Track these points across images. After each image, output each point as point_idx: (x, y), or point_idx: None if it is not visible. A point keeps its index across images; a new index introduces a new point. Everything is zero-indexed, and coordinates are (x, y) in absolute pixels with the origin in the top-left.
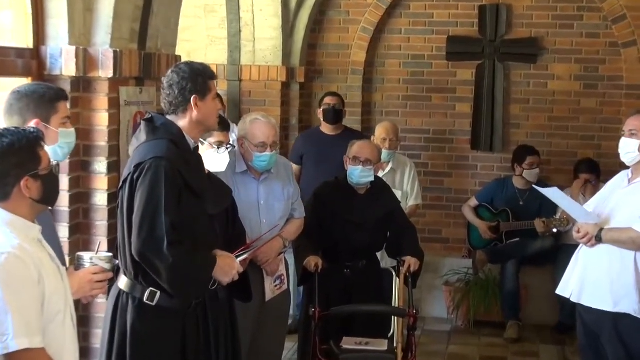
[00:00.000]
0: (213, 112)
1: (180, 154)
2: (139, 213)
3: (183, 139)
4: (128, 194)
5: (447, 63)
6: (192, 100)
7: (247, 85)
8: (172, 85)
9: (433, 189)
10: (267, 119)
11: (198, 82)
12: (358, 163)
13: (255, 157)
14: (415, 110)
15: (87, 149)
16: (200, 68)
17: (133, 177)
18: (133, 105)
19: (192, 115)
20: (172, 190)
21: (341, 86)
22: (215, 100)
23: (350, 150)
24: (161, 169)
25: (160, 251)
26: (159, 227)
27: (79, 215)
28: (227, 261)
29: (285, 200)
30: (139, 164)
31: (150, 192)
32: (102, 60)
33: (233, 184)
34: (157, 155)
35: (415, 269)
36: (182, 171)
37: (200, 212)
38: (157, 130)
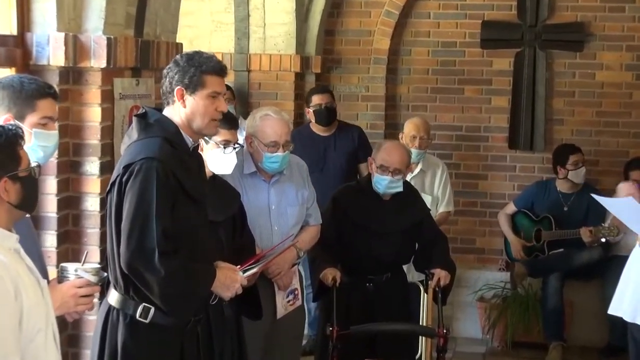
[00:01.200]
0: (203, 112)
1: (176, 154)
2: (128, 220)
3: (180, 137)
4: (116, 198)
5: (482, 51)
6: (176, 92)
7: (256, 77)
8: (166, 75)
9: (466, 193)
10: (279, 115)
11: (189, 74)
12: (386, 172)
13: (266, 157)
14: (446, 104)
15: (77, 147)
16: (199, 59)
17: (122, 179)
18: (129, 98)
19: (181, 111)
20: (164, 195)
21: (362, 77)
22: (212, 99)
23: (376, 154)
24: (152, 171)
25: (150, 263)
26: (149, 236)
27: (68, 222)
28: (228, 274)
29: (299, 205)
30: (128, 165)
31: (139, 197)
32: (94, 48)
33: (241, 187)
34: (148, 156)
35: (446, 282)
36: (177, 173)
37: (199, 219)
38: (150, 127)
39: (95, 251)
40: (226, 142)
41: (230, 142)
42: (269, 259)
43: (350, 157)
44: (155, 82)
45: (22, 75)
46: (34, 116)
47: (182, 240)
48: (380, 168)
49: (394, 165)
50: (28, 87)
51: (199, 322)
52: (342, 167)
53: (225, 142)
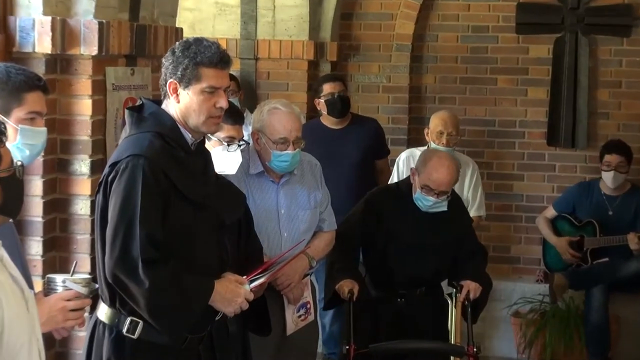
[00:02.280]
0: (197, 109)
1: (168, 151)
2: (112, 225)
3: (176, 133)
4: (102, 200)
5: (517, 37)
6: (169, 85)
7: (264, 65)
8: (163, 64)
9: (499, 195)
10: (289, 108)
11: (182, 65)
12: (431, 194)
13: (274, 155)
14: (477, 96)
15: (65, 144)
16: (196, 48)
17: (107, 179)
18: (123, 89)
19: (176, 106)
20: (152, 196)
21: (383, 66)
22: (208, 94)
23: (422, 169)
24: (138, 170)
25: (134, 272)
26: (133, 242)
27: (55, 228)
28: (230, 287)
29: (311, 208)
30: (115, 164)
31: (124, 199)
32: (85, 33)
33: (246, 189)
34: (134, 153)
35: (476, 296)
36: (169, 172)
37: (197, 223)
38: (142, 121)
39: (86, 260)
40: (230, 139)
41: (234, 138)
42: (277, 267)
43: (367, 153)
44: (153, 72)
45: (7, 64)
46: (21, 111)
47: (175, 248)
48: (425, 189)
49: (441, 187)
50: (15, 79)
51: (201, 341)
52: (357, 164)
53: (229, 139)
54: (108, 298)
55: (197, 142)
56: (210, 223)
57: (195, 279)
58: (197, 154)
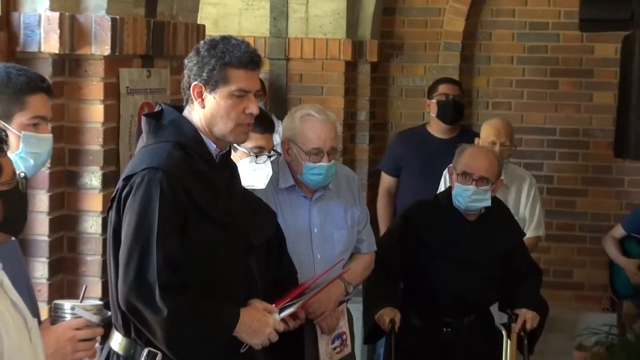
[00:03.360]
0: (225, 115)
1: (190, 164)
2: (126, 247)
3: (199, 143)
4: (115, 218)
5: (581, 34)
6: (192, 88)
7: (296, 66)
8: (185, 66)
9: (560, 213)
10: (324, 115)
11: (208, 66)
12: (469, 181)
13: (307, 168)
14: (535, 100)
15: (74, 154)
16: (223, 47)
17: (121, 194)
18: (138, 93)
19: (200, 112)
20: (170, 214)
21: (429, 67)
22: (237, 98)
23: (457, 159)
24: (155, 185)
25: (150, 300)
26: (149, 266)
27: (63, 248)
28: (257, 316)
29: (348, 227)
30: (129, 177)
31: (139, 217)
32: (96, 31)
33: (275, 205)
34: (151, 166)
35: (533, 326)
36: (190, 187)
37: (220, 244)
38: (161, 130)
39: (97, 284)
40: (259, 149)
41: (264, 149)
42: (310, 294)
43: None
44: (172, 74)
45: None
46: (23, 115)
47: (195, 272)
48: (462, 175)
49: (480, 172)
50: (16, 80)
51: None
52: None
53: (258, 149)
54: (122, 327)
55: (222, 153)
56: (235, 244)
57: (219, 307)
58: (221, 167)
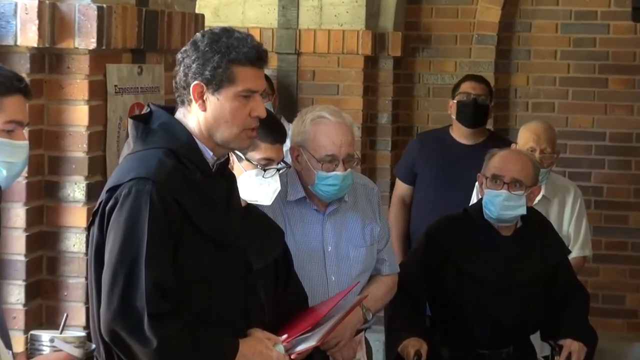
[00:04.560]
0: (230, 119)
1: (183, 173)
2: (110, 268)
3: (193, 150)
4: (97, 235)
5: (634, 25)
6: (193, 89)
7: (308, 62)
8: (181, 61)
9: (610, 230)
10: (339, 117)
11: (211, 63)
12: (500, 185)
13: (320, 177)
14: (582, 101)
15: (55, 163)
16: (227, 41)
17: (104, 208)
18: (128, 93)
19: (199, 116)
20: (161, 232)
21: (461, 62)
22: (244, 99)
23: (487, 164)
24: (144, 197)
25: (138, 329)
26: (137, 291)
27: (42, 269)
28: (257, 347)
29: (366, 245)
30: (114, 189)
31: (126, 235)
32: (80, 22)
33: (283, 220)
34: (139, 176)
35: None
36: (183, 200)
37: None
38: (151, 134)
39: (80, 310)
40: (267, 162)
41: (272, 160)
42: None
43: None
44: (166, 70)
45: None
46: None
47: (188, 298)
48: (492, 180)
49: (511, 173)
50: None
51: None
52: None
53: (266, 162)
54: (105, 359)
55: (219, 162)
56: (234, 266)
57: (215, 338)
58: (218, 177)
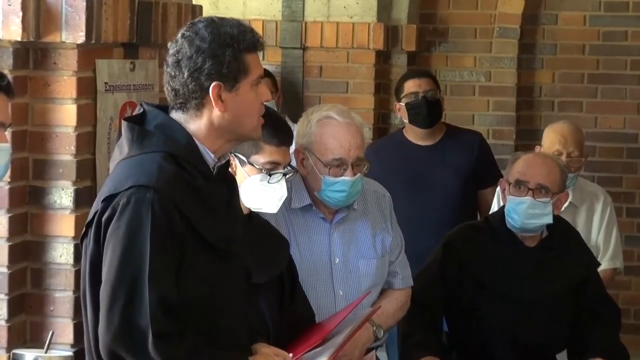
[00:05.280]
0: (251, 111)
1: (186, 180)
2: (109, 285)
3: (194, 153)
4: (93, 248)
5: None
6: (212, 91)
7: (315, 57)
8: (179, 62)
9: None
10: (348, 118)
11: (225, 59)
12: (524, 191)
13: (326, 183)
14: (612, 100)
15: (40, 166)
16: (232, 32)
17: (100, 219)
18: (120, 90)
19: (213, 117)
20: (165, 244)
21: (481, 58)
22: (256, 87)
23: (510, 168)
24: (145, 207)
25: (142, 350)
26: (139, 309)
27: (26, 281)
28: None
29: (377, 257)
30: (111, 198)
31: (126, 248)
32: (68, 13)
33: (287, 229)
34: (139, 183)
35: None
36: (187, 209)
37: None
38: (147, 137)
39: (67, 327)
40: (273, 166)
41: (278, 164)
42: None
43: (467, 180)
44: (160, 66)
45: None
46: None
47: (193, 315)
48: (515, 186)
49: (536, 178)
50: None
51: None
52: (454, 196)
53: (272, 166)
54: None
55: (219, 164)
56: (236, 278)
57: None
58: (219, 182)
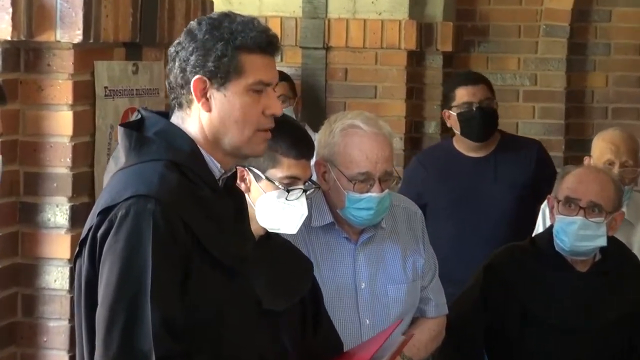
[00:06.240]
0: (241, 118)
1: (190, 191)
2: (106, 306)
3: (198, 161)
4: (88, 267)
5: None
6: (194, 85)
7: (339, 58)
8: (175, 56)
9: None
10: (376, 127)
11: (215, 52)
12: (575, 210)
13: (351, 200)
14: None
15: (32, 180)
16: (235, 27)
17: (95, 234)
18: (121, 96)
19: (202, 118)
20: (168, 259)
21: (526, 59)
22: (256, 95)
23: (559, 184)
24: (146, 219)
25: None
26: (142, 331)
27: (16, 309)
28: None
29: (408, 281)
30: (107, 210)
31: (126, 265)
32: (63, 10)
33: (306, 250)
34: (138, 193)
35: None
36: (193, 222)
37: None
38: (146, 144)
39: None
40: (291, 180)
41: (297, 179)
42: None
43: (524, 195)
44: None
45: None
46: None
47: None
48: (565, 204)
49: (588, 196)
50: None
51: None
52: (507, 214)
53: (290, 180)
54: None
55: (226, 175)
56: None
57: None
58: (226, 194)
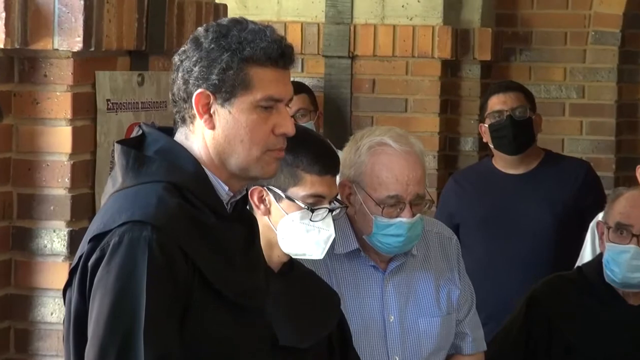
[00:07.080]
0: (248, 137)
1: (191, 215)
2: (96, 342)
3: (202, 183)
4: (77, 299)
5: None
6: (195, 99)
7: (366, 68)
8: (180, 64)
9: None
10: (407, 145)
11: (220, 64)
12: (627, 237)
13: (379, 226)
14: None
15: (26, 203)
16: (245, 36)
17: (86, 264)
18: (125, 109)
19: (205, 135)
20: (164, 292)
21: (572, 69)
22: (265, 112)
23: (610, 208)
24: (141, 248)
25: None
26: None
27: (9, 345)
28: None
29: (442, 314)
30: (99, 237)
31: (118, 298)
32: (61, 14)
33: (329, 280)
34: (134, 218)
35: None
36: (193, 250)
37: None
38: (146, 163)
39: None
40: (316, 199)
41: (322, 198)
42: None
43: (564, 219)
44: None
45: None
46: None
47: None
48: (616, 230)
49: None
50: None
51: None
52: (546, 238)
53: (314, 199)
54: None
55: (235, 199)
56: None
57: None
58: (234, 221)
